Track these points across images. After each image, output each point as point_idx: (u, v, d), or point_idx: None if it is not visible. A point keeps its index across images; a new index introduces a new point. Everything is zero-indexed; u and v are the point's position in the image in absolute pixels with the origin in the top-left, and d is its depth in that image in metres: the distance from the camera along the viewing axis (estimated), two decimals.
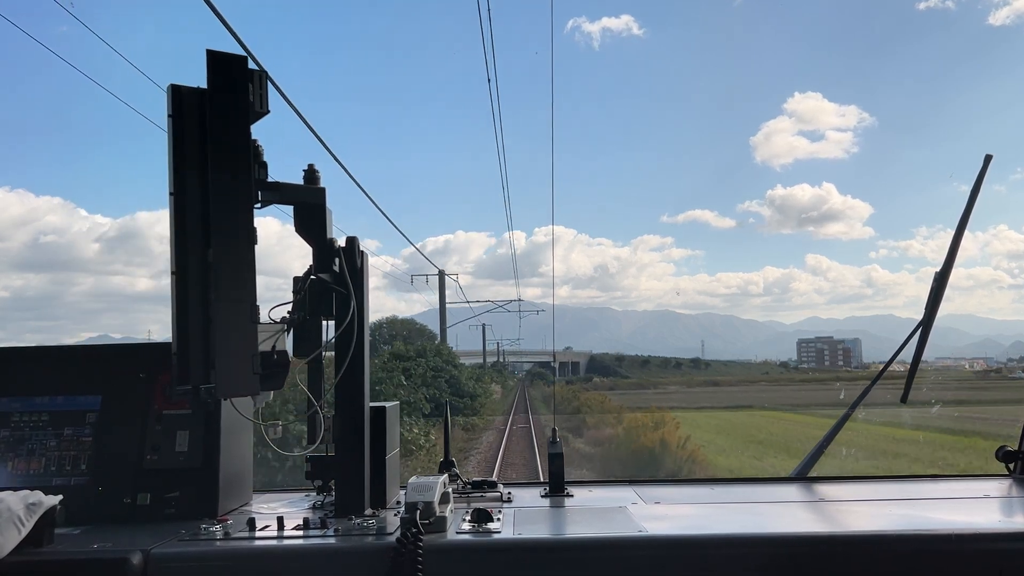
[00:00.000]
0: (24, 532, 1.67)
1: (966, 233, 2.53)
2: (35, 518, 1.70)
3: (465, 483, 2.36)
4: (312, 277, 2.00)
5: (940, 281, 2.49)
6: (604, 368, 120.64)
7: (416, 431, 17.17)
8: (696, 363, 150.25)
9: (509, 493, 2.29)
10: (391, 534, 1.79)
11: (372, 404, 2.11)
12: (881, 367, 2.73)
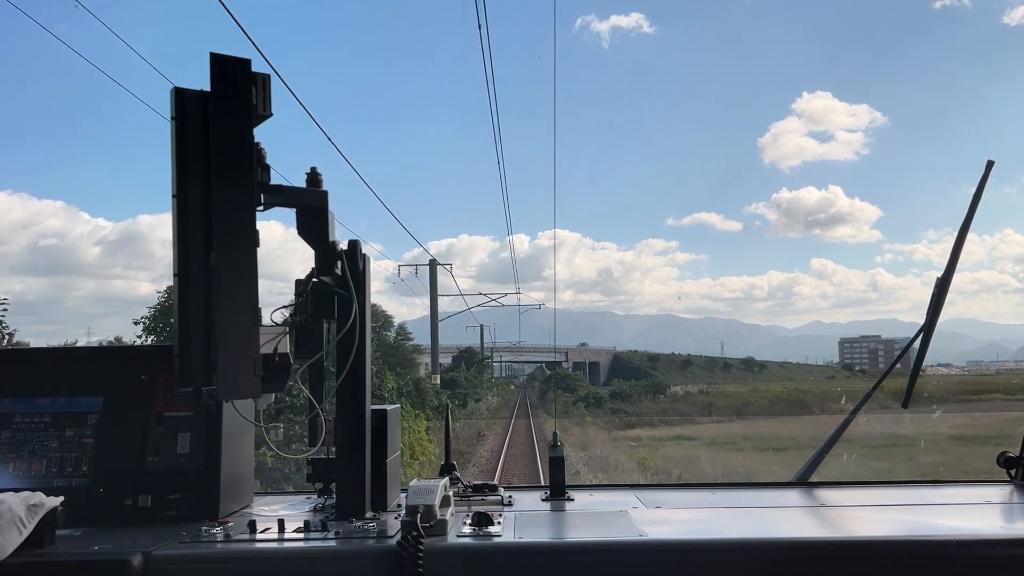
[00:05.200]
0: (25, 533, 1.67)
1: (972, 237, 2.52)
2: (36, 519, 1.70)
3: (466, 486, 2.35)
4: (314, 280, 2.00)
5: (942, 286, 2.48)
6: (633, 370, 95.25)
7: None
8: (748, 364, 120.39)
9: (510, 497, 2.29)
10: (392, 537, 1.79)
11: (373, 407, 2.11)
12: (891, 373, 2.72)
